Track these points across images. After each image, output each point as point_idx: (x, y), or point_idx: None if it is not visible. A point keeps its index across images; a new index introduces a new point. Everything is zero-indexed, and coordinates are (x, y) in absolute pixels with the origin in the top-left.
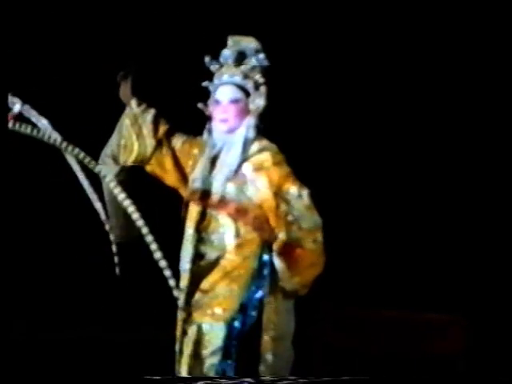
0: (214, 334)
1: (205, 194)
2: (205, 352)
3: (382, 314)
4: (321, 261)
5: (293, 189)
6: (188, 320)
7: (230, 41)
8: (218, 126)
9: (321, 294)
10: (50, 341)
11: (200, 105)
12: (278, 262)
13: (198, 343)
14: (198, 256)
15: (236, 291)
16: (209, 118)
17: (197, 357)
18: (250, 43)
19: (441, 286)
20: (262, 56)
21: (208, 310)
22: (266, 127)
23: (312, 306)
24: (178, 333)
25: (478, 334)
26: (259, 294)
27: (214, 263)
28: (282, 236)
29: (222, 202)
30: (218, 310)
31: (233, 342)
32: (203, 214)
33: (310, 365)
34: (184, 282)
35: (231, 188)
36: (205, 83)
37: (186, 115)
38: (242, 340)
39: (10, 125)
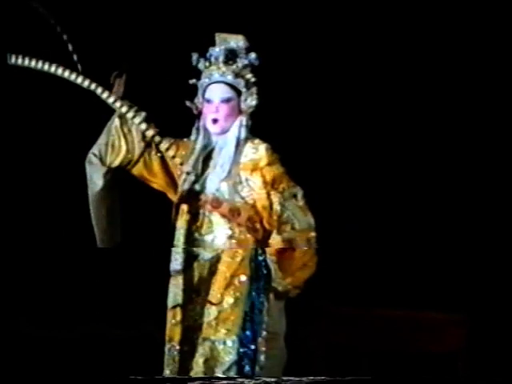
0: (228, 349)
1: (197, 195)
2: (220, 368)
3: (381, 313)
4: (313, 262)
5: (287, 189)
6: (197, 335)
7: (218, 38)
8: (209, 127)
9: (319, 293)
10: (50, 339)
11: (188, 102)
12: (271, 263)
13: (212, 360)
14: (191, 257)
15: (240, 299)
16: (197, 117)
17: (211, 373)
18: (239, 41)
19: (440, 285)
20: (253, 55)
21: (219, 326)
22: (260, 126)
23: (310, 304)
24: (176, 343)
25: (477, 333)
26: (261, 297)
27: (210, 265)
28: (274, 236)
29: (216, 202)
30: (229, 324)
31: (247, 349)
32: (195, 214)
33: (308, 364)
34: (178, 282)
35: (225, 188)
36: (192, 81)
37: (173, 113)
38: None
39: (10, 60)
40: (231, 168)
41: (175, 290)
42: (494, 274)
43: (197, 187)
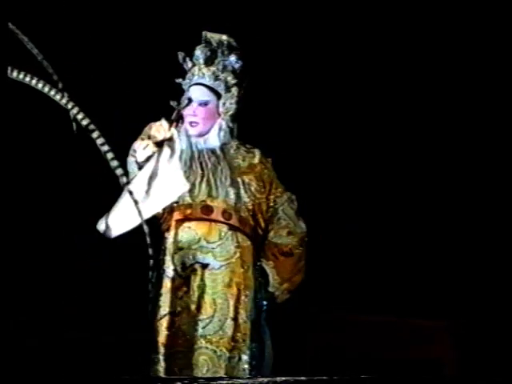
0: (242, 365)
1: (204, 204)
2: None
3: (371, 319)
4: (304, 267)
5: (284, 192)
6: (213, 351)
7: (204, 37)
8: (188, 128)
9: (310, 299)
10: (50, 339)
11: (172, 102)
12: (268, 268)
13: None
14: (198, 264)
15: (249, 311)
16: (181, 118)
17: None
18: (223, 41)
19: (429, 291)
20: (233, 56)
21: (235, 342)
22: (248, 130)
23: (301, 309)
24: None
25: (464, 339)
26: (264, 305)
27: (223, 276)
28: (271, 241)
29: (226, 214)
30: (243, 339)
31: (258, 362)
32: (201, 222)
33: (300, 367)
34: (168, 287)
35: (231, 195)
36: (178, 80)
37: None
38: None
39: (8, 73)
40: (232, 174)
41: (171, 297)
42: (480, 280)
43: (200, 196)
